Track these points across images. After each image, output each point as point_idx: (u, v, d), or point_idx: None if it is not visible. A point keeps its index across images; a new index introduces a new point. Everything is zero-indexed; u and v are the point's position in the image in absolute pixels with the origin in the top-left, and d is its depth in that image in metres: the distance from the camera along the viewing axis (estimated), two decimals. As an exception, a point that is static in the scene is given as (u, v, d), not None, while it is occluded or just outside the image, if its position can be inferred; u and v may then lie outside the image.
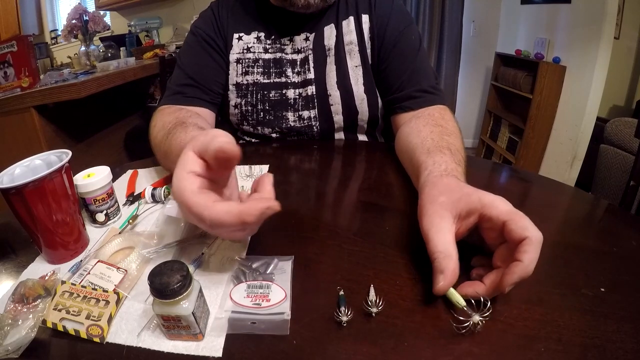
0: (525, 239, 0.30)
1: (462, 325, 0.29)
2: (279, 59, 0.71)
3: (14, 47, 1.46)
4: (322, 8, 0.67)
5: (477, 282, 0.33)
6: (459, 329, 0.29)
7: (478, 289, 0.31)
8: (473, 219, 0.35)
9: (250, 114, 0.74)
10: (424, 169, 0.45)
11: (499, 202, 0.33)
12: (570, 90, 1.91)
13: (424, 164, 0.46)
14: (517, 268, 0.29)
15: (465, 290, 0.32)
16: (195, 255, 0.41)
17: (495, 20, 2.49)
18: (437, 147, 0.48)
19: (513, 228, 0.30)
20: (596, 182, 1.67)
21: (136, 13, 2.74)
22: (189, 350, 0.30)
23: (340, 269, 0.38)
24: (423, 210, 0.37)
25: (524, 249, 0.29)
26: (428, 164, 0.45)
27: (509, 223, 0.31)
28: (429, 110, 0.62)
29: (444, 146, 0.48)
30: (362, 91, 0.70)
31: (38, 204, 0.39)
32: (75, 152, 0.44)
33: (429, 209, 0.37)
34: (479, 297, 0.30)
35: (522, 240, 0.30)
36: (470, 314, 0.29)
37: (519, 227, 0.30)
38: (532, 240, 0.29)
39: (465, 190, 0.36)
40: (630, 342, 0.28)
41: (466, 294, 0.31)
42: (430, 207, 0.37)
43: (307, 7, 0.64)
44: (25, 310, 0.33)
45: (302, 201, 0.54)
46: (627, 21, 1.90)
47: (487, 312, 0.29)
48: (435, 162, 0.44)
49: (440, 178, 0.41)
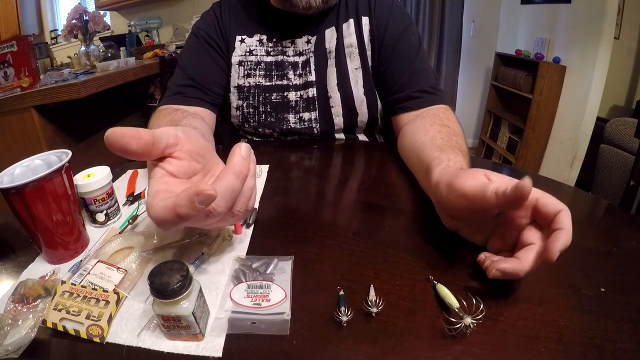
0: (560, 211, 0.31)
1: (453, 327, 0.29)
2: (280, 62, 0.72)
3: (14, 47, 1.46)
4: (322, 10, 0.67)
5: (513, 258, 0.32)
6: (450, 331, 0.29)
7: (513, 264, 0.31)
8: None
9: (252, 116, 0.74)
10: (437, 163, 0.44)
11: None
12: (570, 90, 1.91)
13: (437, 159, 0.45)
14: (561, 234, 0.30)
15: (501, 265, 0.31)
16: (195, 255, 0.41)
17: (495, 20, 2.49)
18: (448, 146, 0.48)
19: (546, 202, 0.32)
20: (596, 182, 1.67)
21: (136, 13, 2.74)
22: (189, 350, 0.30)
23: (340, 269, 0.38)
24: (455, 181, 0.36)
25: (562, 220, 0.31)
26: (443, 159, 0.44)
27: (542, 198, 0.32)
28: (434, 110, 0.62)
29: (454, 146, 0.48)
30: (362, 93, 0.71)
31: (38, 204, 0.39)
32: (75, 152, 0.44)
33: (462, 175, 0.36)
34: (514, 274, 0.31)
35: (557, 213, 0.31)
36: (462, 316, 0.29)
37: (552, 202, 0.32)
38: (567, 212, 0.31)
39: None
40: (630, 342, 0.28)
41: (502, 269, 0.31)
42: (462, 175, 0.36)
43: (308, 8, 0.63)
44: (25, 310, 0.33)
45: (302, 201, 0.54)
46: (627, 21, 1.90)
47: (480, 314, 0.29)
48: (450, 159, 0.44)
49: (459, 170, 0.41)
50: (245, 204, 0.33)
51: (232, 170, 0.30)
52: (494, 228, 0.36)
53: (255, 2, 0.73)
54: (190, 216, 0.28)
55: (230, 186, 0.30)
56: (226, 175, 0.30)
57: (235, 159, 0.31)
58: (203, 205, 0.27)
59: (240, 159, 0.31)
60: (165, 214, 0.28)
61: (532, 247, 0.32)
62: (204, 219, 0.31)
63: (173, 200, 0.28)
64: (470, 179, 0.34)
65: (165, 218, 0.28)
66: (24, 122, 1.43)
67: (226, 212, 0.31)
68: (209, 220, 0.31)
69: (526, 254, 0.32)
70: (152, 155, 0.33)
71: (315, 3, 0.63)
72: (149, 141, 0.31)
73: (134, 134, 0.30)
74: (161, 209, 0.29)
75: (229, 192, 0.30)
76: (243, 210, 0.33)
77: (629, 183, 1.04)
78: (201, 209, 0.27)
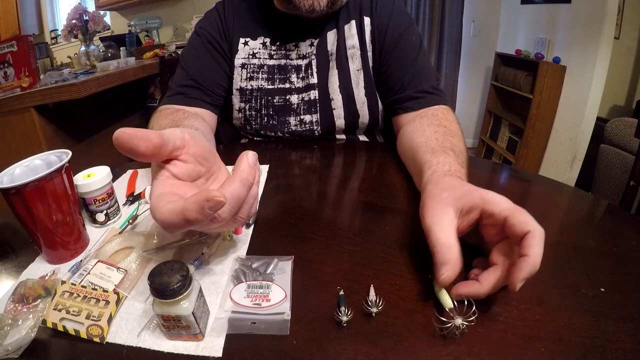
0: (527, 233, 0.30)
1: (444, 327, 0.29)
2: (283, 66, 0.72)
3: (14, 47, 1.46)
4: (327, 14, 0.67)
5: (473, 282, 0.32)
6: (440, 330, 0.29)
7: (471, 288, 0.31)
8: (474, 215, 0.35)
9: (254, 118, 0.74)
10: (427, 167, 0.45)
11: (500, 199, 0.33)
12: (570, 90, 1.91)
13: (427, 163, 0.46)
14: (524, 263, 0.29)
15: (459, 290, 0.31)
16: (195, 255, 0.41)
17: (495, 20, 2.49)
18: (441, 148, 0.49)
19: (515, 222, 0.31)
20: (596, 182, 1.67)
21: (136, 13, 2.74)
22: (189, 350, 0.30)
23: (340, 269, 0.38)
24: (426, 206, 0.37)
25: (528, 243, 0.29)
26: (432, 163, 0.45)
27: (510, 218, 0.31)
28: (433, 110, 0.62)
29: (448, 147, 0.49)
30: (363, 94, 0.71)
31: (38, 204, 0.39)
32: (75, 152, 0.44)
33: (432, 205, 0.37)
34: (473, 296, 0.30)
35: (524, 235, 0.30)
36: (453, 317, 0.29)
37: (520, 221, 0.30)
38: (535, 234, 0.29)
39: (467, 187, 0.37)
40: (630, 342, 0.28)
41: (459, 294, 0.31)
42: (432, 203, 0.37)
43: (312, 11, 0.63)
44: (25, 310, 0.33)
45: (303, 201, 0.54)
46: (627, 21, 1.90)
47: (472, 316, 0.29)
48: (440, 162, 0.45)
49: (443, 177, 0.41)
50: (248, 210, 0.34)
51: (239, 178, 0.31)
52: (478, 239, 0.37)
53: (259, 4, 0.72)
54: (198, 221, 0.28)
55: (237, 194, 0.31)
56: (233, 183, 0.31)
57: (243, 166, 0.32)
58: (212, 211, 0.28)
59: (248, 167, 0.32)
60: (172, 217, 0.29)
61: (494, 268, 0.32)
62: (208, 224, 0.31)
63: (181, 204, 0.28)
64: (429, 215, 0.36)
65: (173, 221, 0.29)
66: (24, 122, 1.42)
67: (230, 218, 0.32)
68: (213, 225, 0.32)
69: (487, 276, 0.31)
70: (159, 158, 0.33)
71: (319, 7, 0.62)
72: (157, 144, 0.31)
73: (144, 136, 0.30)
74: (168, 212, 0.29)
75: (235, 199, 0.31)
76: (245, 216, 0.34)
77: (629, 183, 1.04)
78: (210, 215, 0.28)
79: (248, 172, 0.32)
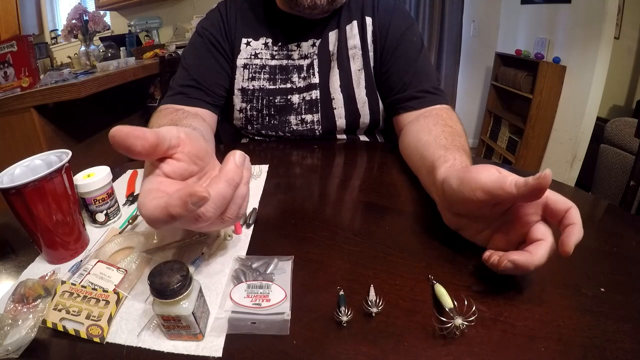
0: (570, 208, 0.32)
1: (444, 327, 0.29)
2: (285, 66, 0.72)
3: (14, 47, 1.46)
4: (327, 11, 0.67)
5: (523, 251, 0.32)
6: (440, 330, 0.29)
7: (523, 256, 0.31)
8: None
9: (255, 118, 0.74)
10: (443, 161, 0.44)
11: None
12: (570, 90, 1.91)
13: (442, 157, 0.45)
14: (575, 229, 0.30)
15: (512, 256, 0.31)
16: (195, 255, 0.41)
17: (495, 20, 2.49)
18: (453, 146, 0.48)
19: (558, 199, 0.32)
20: (596, 182, 1.67)
21: (136, 13, 2.74)
22: (189, 350, 0.30)
23: (340, 269, 0.38)
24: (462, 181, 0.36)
25: (573, 214, 0.31)
26: (448, 158, 0.44)
27: (552, 196, 0.33)
28: (436, 110, 0.62)
29: (458, 146, 0.48)
30: (364, 94, 0.71)
31: (38, 204, 0.39)
32: (75, 152, 0.44)
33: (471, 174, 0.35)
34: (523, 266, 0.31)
35: (568, 209, 0.32)
36: (453, 317, 0.29)
37: (562, 200, 0.32)
38: (577, 209, 0.32)
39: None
40: (630, 342, 0.28)
41: (513, 259, 0.31)
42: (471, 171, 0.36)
43: (314, 7, 0.62)
44: (25, 310, 0.33)
45: (303, 201, 0.54)
46: (627, 21, 1.90)
47: (472, 316, 0.29)
48: (456, 158, 0.44)
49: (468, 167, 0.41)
50: (237, 211, 0.34)
51: (225, 178, 0.31)
52: (498, 226, 0.36)
53: (261, 3, 0.72)
54: (181, 216, 0.28)
55: (221, 192, 0.31)
56: (218, 182, 0.31)
57: (229, 166, 0.32)
58: (196, 206, 0.28)
59: (234, 167, 0.32)
60: (156, 212, 0.29)
61: (542, 242, 0.32)
62: (193, 222, 0.31)
63: (166, 199, 0.28)
64: (485, 172, 0.34)
65: (156, 216, 0.29)
66: (24, 122, 1.43)
67: (216, 217, 0.32)
68: (199, 224, 0.32)
69: (537, 248, 0.32)
70: (154, 156, 0.33)
71: (320, 2, 0.62)
72: (153, 142, 0.31)
73: (140, 134, 0.30)
74: (153, 207, 0.29)
75: (219, 199, 0.31)
76: (234, 216, 0.34)
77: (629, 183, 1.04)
78: (193, 210, 0.28)
79: (234, 171, 0.32)
